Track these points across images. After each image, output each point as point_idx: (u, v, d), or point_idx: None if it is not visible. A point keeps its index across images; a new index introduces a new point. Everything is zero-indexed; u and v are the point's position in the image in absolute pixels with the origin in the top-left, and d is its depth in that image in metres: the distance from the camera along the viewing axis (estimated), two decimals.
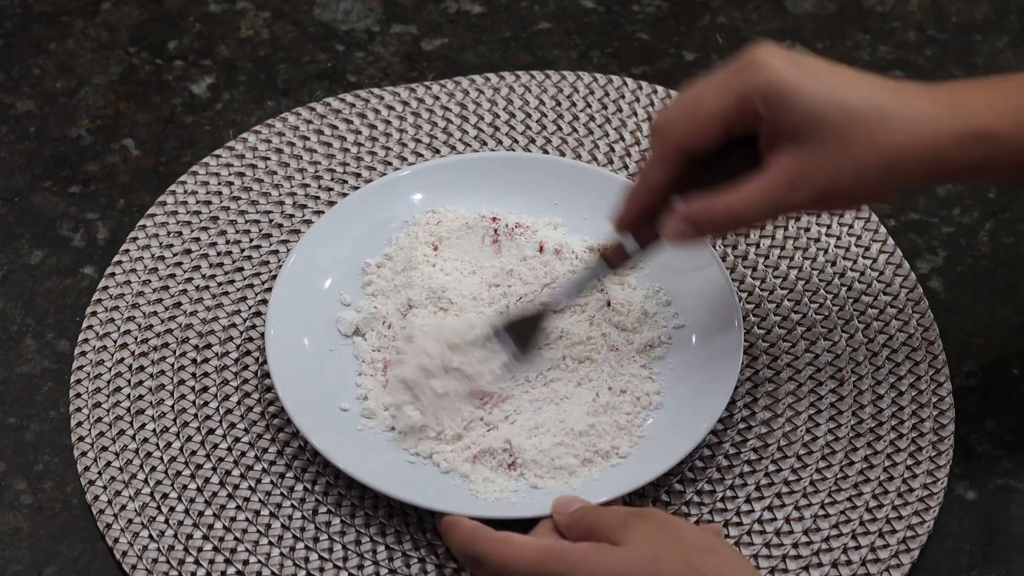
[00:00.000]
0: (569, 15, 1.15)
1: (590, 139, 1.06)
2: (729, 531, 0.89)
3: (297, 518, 0.90)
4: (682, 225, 0.86)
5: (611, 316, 0.95)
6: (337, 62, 1.12)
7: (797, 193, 0.83)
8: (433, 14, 1.14)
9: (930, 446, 0.92)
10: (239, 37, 1.13)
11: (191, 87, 1.10)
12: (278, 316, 0.94)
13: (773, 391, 0.95)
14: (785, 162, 0.83)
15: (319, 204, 1.03)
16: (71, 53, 1.12)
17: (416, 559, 0.88)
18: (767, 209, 0.84)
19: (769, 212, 0.85)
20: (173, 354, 0.96)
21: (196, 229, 1.02)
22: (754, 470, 0.91)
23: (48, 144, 1.07)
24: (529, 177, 1.01)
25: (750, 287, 0.99)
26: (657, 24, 1.14)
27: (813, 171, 0.83)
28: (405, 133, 1.07)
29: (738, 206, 0.84)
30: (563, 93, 1.08)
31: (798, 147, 0.83)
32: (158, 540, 0.89)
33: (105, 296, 0.99)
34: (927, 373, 0.95)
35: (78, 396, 0.94)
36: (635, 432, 0.91)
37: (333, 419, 0.91)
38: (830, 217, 1.01)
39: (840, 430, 0.93)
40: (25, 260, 1.01)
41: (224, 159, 1.05)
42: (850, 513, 0.90)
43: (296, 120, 1.07)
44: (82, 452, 0.92)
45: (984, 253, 1.01)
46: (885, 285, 0.99)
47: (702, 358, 0.94)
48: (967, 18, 1.14)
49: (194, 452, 0.92)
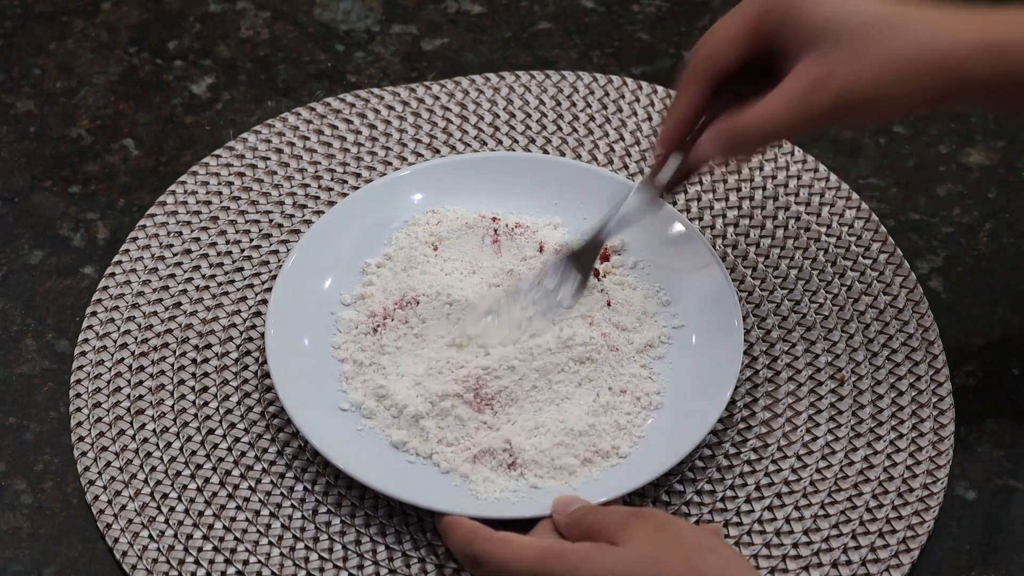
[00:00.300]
0: (569, 15, 1.15)
1: (590, 139, 1.06)
2: (729, 531, 0.89)
3: (297, 518, 0.90)
4: (716, 138, 0.88)
5: (611, 316, 0.95)
6: (337, 62, 1.12)
7: (818, 98, 0.85)
8: (433, 14, 1.14)
9: (930, 446, 0.92)
10: (239, 37, 1.13)
11: (191, 87, 1.10)
12: (278, 316, 0.94)
13: (773, 391, 0.95)
14: (804, 67, 0.85)
15: (319, 204, 1.03)
16: (71, 53, 1.12)
17: (416, 559, 0.88)
18: (791, 118, 0.86)
19: (794, 120, 0.86)
20: (173, 354, 0.96)
21: (196, 229, 1.02)
22: (754, 470, 0.91)
23: (48, 144, 1.07)
24: (529, 177, 1.01)
25: (750, 287, 0.99)
26: (657, 24, 1.14)
27: (832, 73, 0.84)
28: (405, 133, 1.07)
29: (765, 114, 0.86)
30: (563, 93, 1.09)
31: (816, 52, 0.85)
32: (158, 540, 0.89)
33: (105, 296, 0.99)
34: (927, 373, 0.95)
35: (78, 396, 0.94)
36: (635, 432, 0.91)
37: (333, 419, 0.91)
38: (830, 216, 1.01)
39: (840, 430, 0.93)
40: (25, 260, 1.01)
41: (224, 159, 1.05)
42: (850, 513, 0.90)
43: (296, 120, 1.07)
44: (82, 452, 0.92)
45: (984, 253, 1.01)
46: (885, 285, 0.99)
47: (702, 358, 0.94)
48: None
49: (194, 452, 0.92)
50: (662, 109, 1.07)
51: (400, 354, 0.93)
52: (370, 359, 0.93)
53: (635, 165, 1.04)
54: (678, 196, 1.03)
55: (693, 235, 0.98)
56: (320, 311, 0.96)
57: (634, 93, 1.08)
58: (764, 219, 1.02)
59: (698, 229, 0.99)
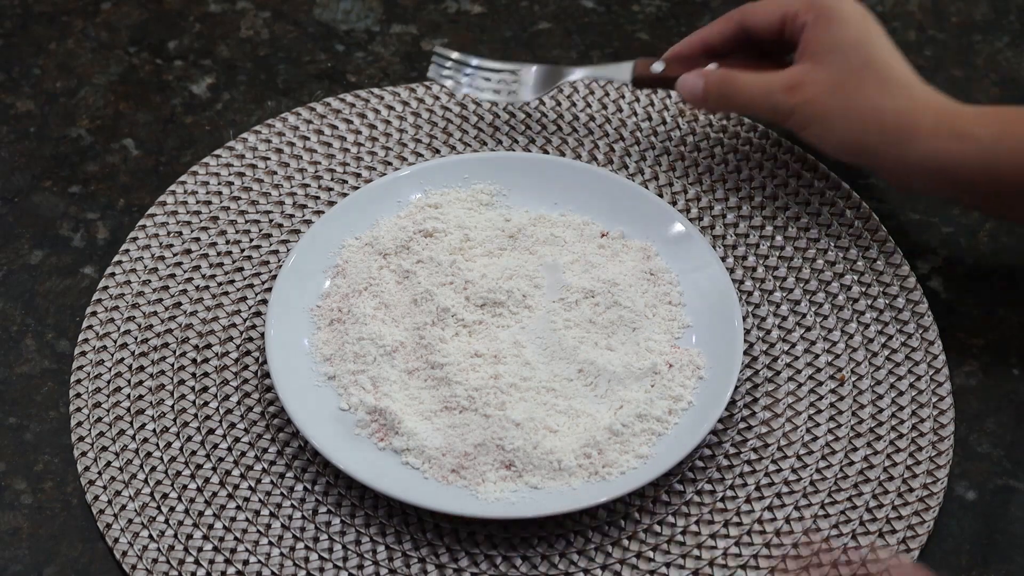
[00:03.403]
0: (569, 15, 1.15)
1: (590, 139, 1.06)
2: (729, 531, 0.89)
3: (297, 518, 0.90)
4: (697, 80, 0.99)
5: (611, 316, 0.95)
6: (337, 62, 1.12)
7: (785, 100, 0.95)
8: (433, 14, 1.14)
9: (930, 446, 0.92)
10: (239, 37, 1.13)
11: (191, 87, 1.10)
12: (278, 316, 0.94)
13: (773, 391, 0.95)
14: (796, 68, 0.96)
15: (319, 204, 1.03)
16: (71, 53, 1.12)
17: (416, 559, 0.88)
18: (766, 97, 0.96)
19: (767, 101, 0.96)
20: (173, 354, 0.96)
21: (196, 229, 1.02)
22: (754, 470, 0.91)
23: (48, 144, 1.07)
24: (529, 177, 1.01)
25: (750, 287, 0.99)
26: (657, 24, 1.14)
27: (810, 83, 0.95)
28: (405, 133, 1.07)
29: (747, 82, 0.97)
30: (563, 93, 1.08)
31: (813, 62, 0.95)
32: (158, 540, 0.89)
33: (105, 296, 0.99)
34: (927, 373, 0.95)
35: (78, 396, 0.94)
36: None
37: (333, 419, 0.91)
38: (830, 216, 1.01)
39: (840, 430, 0.93)
40: (25, 260, 1.01)
41: (224, 159, 1.05)
42: (850, 513, 0.90)
43: (296, 120, 1.07)
44: (82, 452, 0.92)
45: (984, 253, 1.01)
46: (885, 285, 0.99)
47: (702, 358, 0.94)
48: (967, 18, 1.14)
49: (194, 452, 0.92)
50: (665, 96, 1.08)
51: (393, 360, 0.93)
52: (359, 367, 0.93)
53: (635, 165, 1.04)
54: (677, 196, 1.03)
55: (693, 235, 0.98)
56: (320, 312, 0.96)
57: (634, 93, 1.08)
58: (764, 220, 1.02)
59: (698, 229, 0.99)
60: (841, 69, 0.94)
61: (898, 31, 1.13)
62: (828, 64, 0.94)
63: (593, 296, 0.95)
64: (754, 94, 0.97)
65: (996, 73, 1.11)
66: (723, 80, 0.98)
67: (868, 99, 0.93)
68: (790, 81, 0.95)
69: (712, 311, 0.95)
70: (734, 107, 0.99)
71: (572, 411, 0.91)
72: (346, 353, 0.93)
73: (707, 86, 0.98)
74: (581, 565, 0.88)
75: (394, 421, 0.90)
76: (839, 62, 0.94)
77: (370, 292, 0.95)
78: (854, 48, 0.94)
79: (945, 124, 0.92)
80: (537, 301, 0.96)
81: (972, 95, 1.09)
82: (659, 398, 0.91)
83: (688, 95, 0.99)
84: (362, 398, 0.91)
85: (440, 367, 0.92)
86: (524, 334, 0.94)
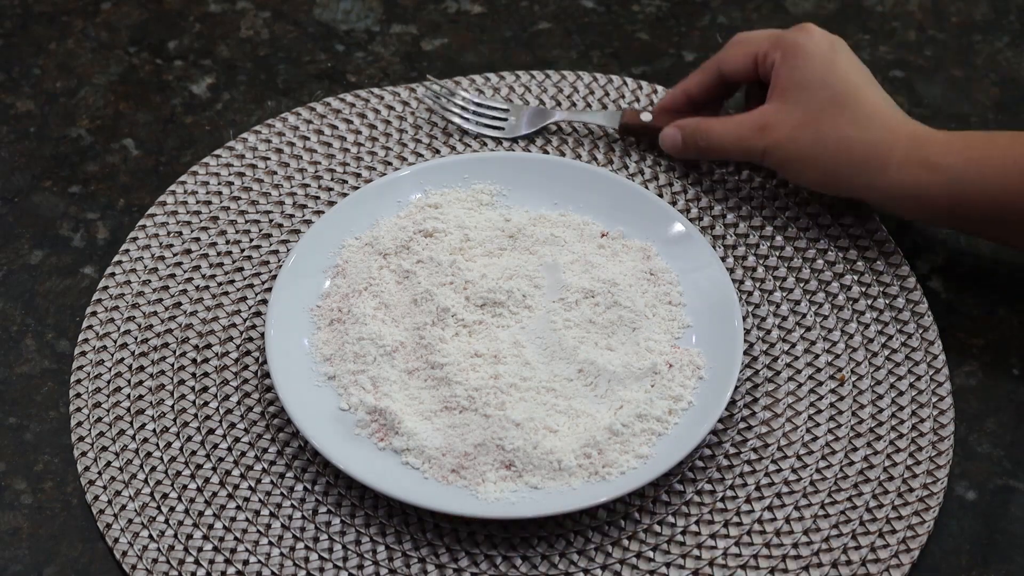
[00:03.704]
0: (569, 15, 1.15)
1: (590, 139, 1.06)
2: (729, 531, 0.89)
3: (297, 518, 0.90)
4: (675, 133, 1.01)
5: (611, 316, 0.95)
6: (337, 62, 1.12)
7: (760, 137, 0.97)
8: (433, 14, 1.14)
9: (930, 446, 0.92)
10: (239, 37, 1.13)
11: (191, 87, 1.10)
12: (278, 316, 0.94)
13: (773, 391, 0.95)
14: (766, 108, 0.97)
15: (319, 204, 1.03)
16: (71, 53, 1.12)
17: (416, 559, 0.88)
18: (737, 143, 0.98)
19: (739, 146, 0.98)
20: (173, 354, 0.96)
21: (196, 229, 1.02)
22: (754, 470, 0.91)
23: (48, 144, 1.07)
24: (529, 177, 1.01)
25: (750, 287, 0.99)
26: (657, 24, 1.14)
27: (779, 123, 0.96)
28: (405, 133, 1.07)
29: (718, 130, 0.99)
30: (563, 93, 1.08)
31: (781, 100, 0.97)
32: (158, 540, 0.89)
33: (105, 296, 0.99)
34: (927, 373, 0.95)
35: (78, 396, 0.94)
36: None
37: (333, 419, 0.91)
38: (830, 216, 1.01)
39: (840, 430, 0.93)
40: (25, 260, 1.01)
41: (224, 159, 1.05)
42: (850, 513, 0.90)
43: (296, 120, 1.07)
44: (82, 452, 0.92)
45: (984, 253, 1.01)
46: (885, 285, 0.99)
47: (702, 358, 0.94)
48: (967, 18, 1.14)
49: (194, 452, 0.92)
50: None
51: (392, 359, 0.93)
52: (359, 367, 0.93)
53: (635, 165, 1.04)
54: (677, 196, 1.03)
55: (693, 235, 0.98)
56: (320, 312, 0.96)
57: (634, 93, 1.08)
58: (764, 220, 1.02)
59: (698, 229, 0.99)
60: (808, 106, 0.95)
61: (898, 31, 1.13)
62: (795, 102, 0.96)
63: (593, 296, 0.95)
64: (725, 140, 0.99)
65: (996, 73, 1.11)
66: (696, 129, 1.00)
67: (837, 132, 0.95)
68: (759, 122, 0.97)
69: (712, 311, 0.95)
70: (711, 154, 1.00)
71: (572, 411, 0.91)
72: (346, 353, 0.93)
73: (684, 137, 1.01)
74: (581, 565, 0.88)
75: (394, 421, 0.90)
76: (806, 99, 0.96)
77: (370, 292, 0.95)
78: (820, 83, 0.95)
79: (914, 154, 0.94)
80: (537, 301, 0.96)
81: (972, 95, 1.09)
82: (659, 398, 0.91)
83: (669, 147, 1.02)
84: (362, 398, 0.91)
85: (440, 367, 0.92)
86: (524, 334, 0.94)
